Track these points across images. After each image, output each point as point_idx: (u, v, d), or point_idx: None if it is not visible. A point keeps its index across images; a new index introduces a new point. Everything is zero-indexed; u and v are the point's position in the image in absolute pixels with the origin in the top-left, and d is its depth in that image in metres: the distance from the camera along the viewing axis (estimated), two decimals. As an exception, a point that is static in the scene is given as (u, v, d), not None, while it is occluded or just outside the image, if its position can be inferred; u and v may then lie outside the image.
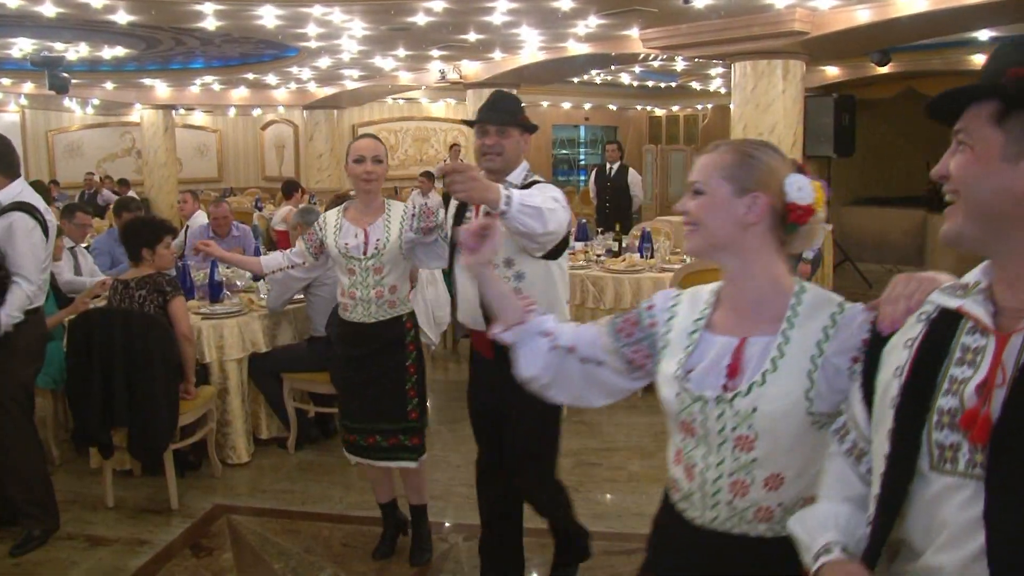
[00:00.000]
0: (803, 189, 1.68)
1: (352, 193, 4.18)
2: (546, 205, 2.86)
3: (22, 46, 10.96)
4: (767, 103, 8.94)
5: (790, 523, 1.55)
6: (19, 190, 4.01)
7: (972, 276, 1.35)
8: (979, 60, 11.26)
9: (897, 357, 1.37)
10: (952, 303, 1.31)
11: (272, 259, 4.27)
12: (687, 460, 1.74)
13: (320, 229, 3.88)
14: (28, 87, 15.41)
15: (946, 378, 1.27)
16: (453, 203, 3.50)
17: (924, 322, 1.36)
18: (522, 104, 3.43)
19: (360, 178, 3.63)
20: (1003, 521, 1.14)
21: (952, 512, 1.22)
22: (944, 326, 1.31)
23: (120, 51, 11.61)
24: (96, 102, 17.69)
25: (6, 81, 15.15)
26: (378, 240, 3.69)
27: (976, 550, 1.17)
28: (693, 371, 1.71)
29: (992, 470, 1.17)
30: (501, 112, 3.28)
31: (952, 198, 1.32)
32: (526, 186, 3.18)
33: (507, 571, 3.64)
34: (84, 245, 6.58)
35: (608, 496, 4.82)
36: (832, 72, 13.12)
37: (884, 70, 11.38)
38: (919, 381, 1.30)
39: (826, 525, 1.45)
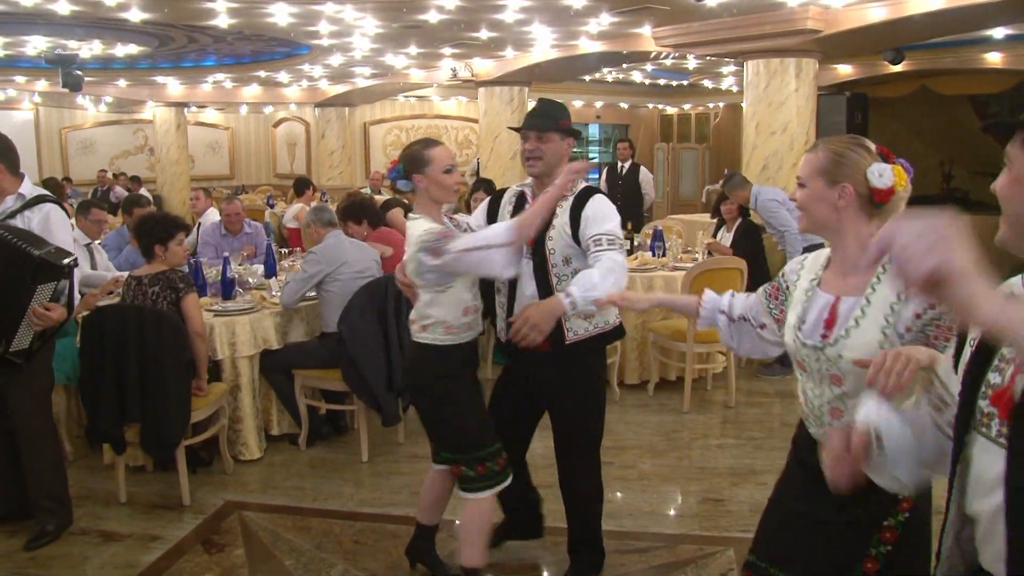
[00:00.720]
0: (884, 175, 2.15)
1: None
2: (605, 280, 3.09)
3: (36, 44, 11.01)
4: (780, 101, 8.91)
5: None
6: (31, 187, 4.08)
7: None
8: (993, 58, 11.21)
9: (975, 331, 1.54)
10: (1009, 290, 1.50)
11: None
12: (803, 389, 2.28)
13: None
14: (42, 85, 15.48)
15: (998, 356, 1.46)
16: (509, 199, 3.57)
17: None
18: (566, 111, 3.49)
19: (452, 189, 3.34)
20: (1018, 483, 1.34)
21: (985, 468, 1.43)
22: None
23: (133, 49, 11.65)
24: (109, 100, 17.77)
25: (20, 79, 15.23)
26: None
27: (999, 504, 1.37)
28: (805, 322, 2.20)
29: (1012, 440, 1.37)
30: (541, 118, 3.41)
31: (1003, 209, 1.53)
32: (580, 195, 3.33)
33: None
34: (98, 241, 6.60)
35: (619, 495, 4.82)
36: (845, 70, 13.07)
37: (897, 68, 11.33)
38: (980, 356, 1.49)
39: None
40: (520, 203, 3.51)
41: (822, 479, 1.83)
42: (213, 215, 8.37)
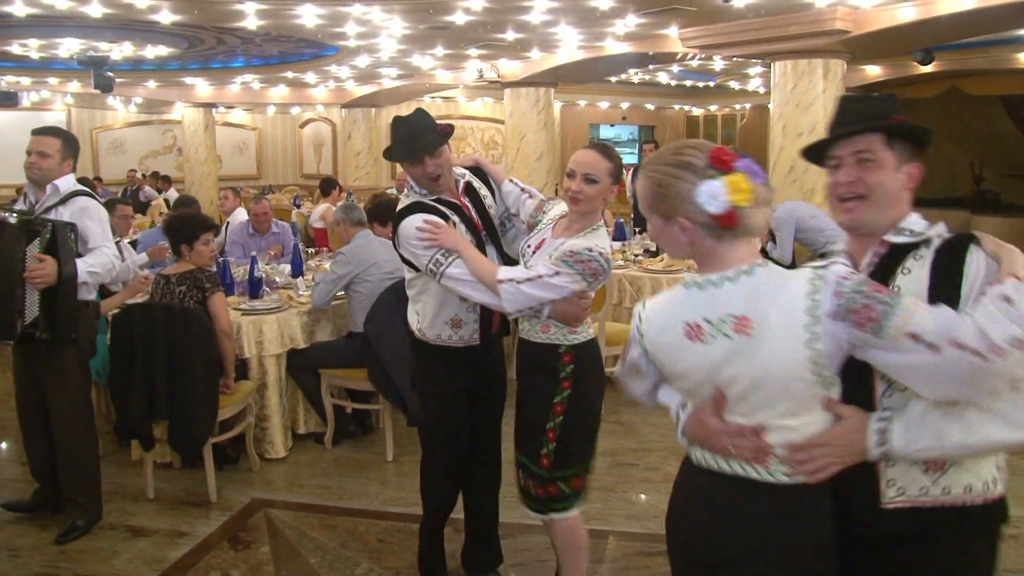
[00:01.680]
0: (716, 197, 1.79)
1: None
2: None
3: (69, 46, 11.14)
4: (807, 103, 8.86)
5: None
6: (71, 183, 4.22)
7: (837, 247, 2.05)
8: (1025, 59, 11.09)
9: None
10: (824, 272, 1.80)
11: None
12: None
13: None
14: (74, 86, 15.68)
15: None
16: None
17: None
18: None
19: (566, 195, 3.11)
20: None
21: None
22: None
23: (163, 50, 11.77)
24: (139, 100, 17.96)
25: (53, 80, 15.44)
26: None
27: None
28: None
29: None
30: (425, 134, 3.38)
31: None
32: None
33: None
34: (128, 240, 6.67)
35: (643, 496, 4.81)
36: (873, 71, 12.96)
37: (927, 69, 11.23)
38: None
39: None
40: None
41: None
42: (241, 215, 8.44)
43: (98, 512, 4.34)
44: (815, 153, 2.05)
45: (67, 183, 4.15)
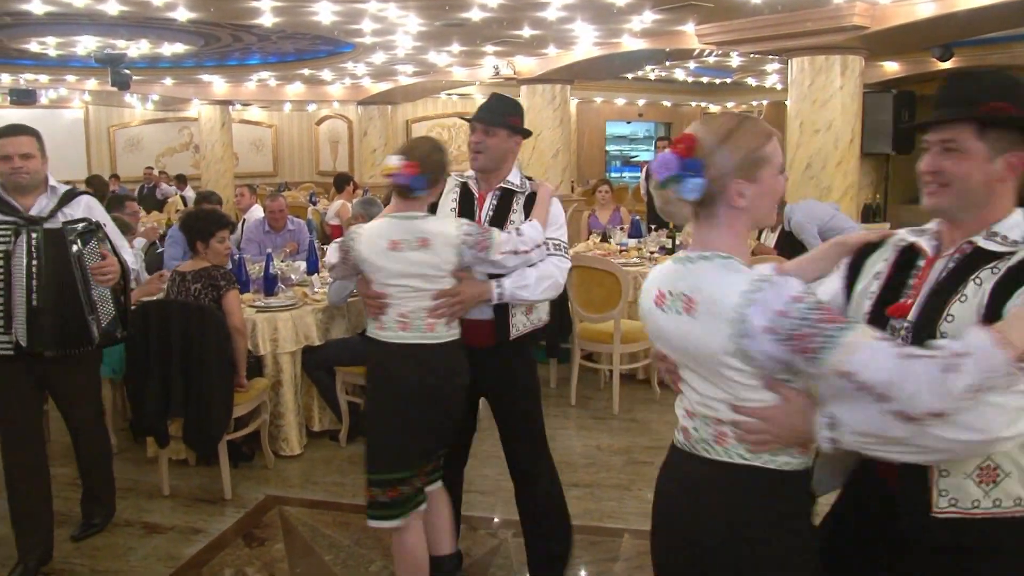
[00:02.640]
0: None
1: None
2: (540, 283, 3.29)
3: (87, 44, 11.20)
4: (824, 99, 8.80)
5: None
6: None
7: (930, 225, 1.97)
8: (1046, 55, 10.97)
9: (870, 278, 2.01)
10: (912, 238, 1.97)
11: None
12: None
13: None
14: (92, 84, 15.77)
15: (906, 285, 1.91)
16: (454, 196, 3.49)
17: (894, 251, 1.99)
18: (518, 109, 3.48)
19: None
20: None
21: None
22: (907, 257, 1.96)
23: (179, 48, 11.81)
24: (156, 98, 18.06)
25: (71, 78, 15.55)
26: None
27: None
28: None
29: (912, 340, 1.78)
30: (489, 112, 3.40)
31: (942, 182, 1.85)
32: (532, 195, 3.42)
33: None
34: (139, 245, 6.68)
35: (658, 495, 4.78)
36: (891, 67, 12.86)
37: (946, 65, 11.12)
38: (887, 294, 1.94)
39: None
40: (466, 193, 3.48)
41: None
42: (257, 212, 8.45)
43: (112, 509, 4.35)
44: (910, 137, 2.09)
45: (54, 181, 3.85)
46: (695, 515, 1.91)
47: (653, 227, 8.50)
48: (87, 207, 3.85)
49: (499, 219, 3.39)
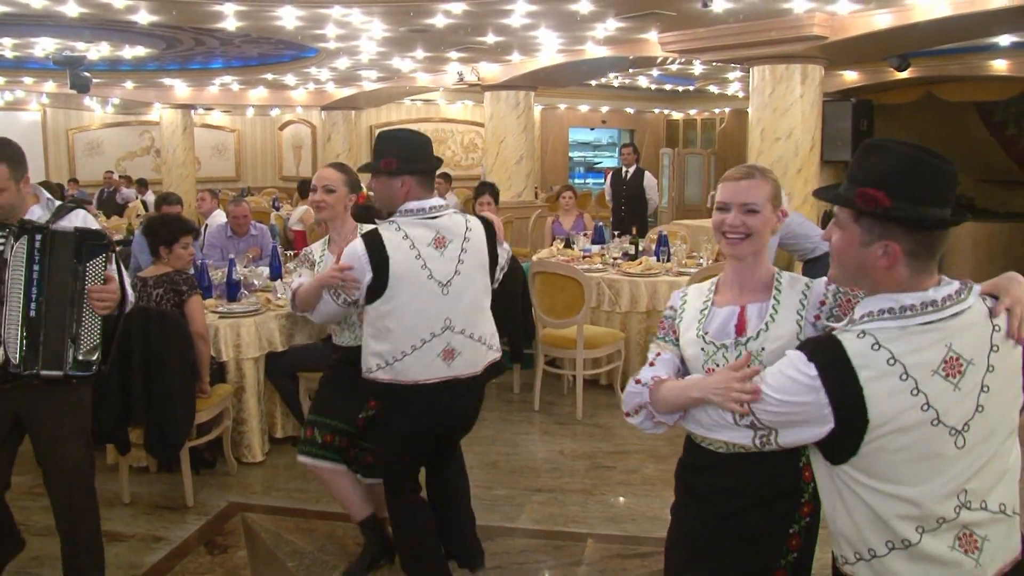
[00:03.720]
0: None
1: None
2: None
3: (45, 45, 11.05)
4: (785, 107, 8.92)
5: None
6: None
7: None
8: (999, 65, 11.20)
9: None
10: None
11: None
12: None
13: None
14: (50, 86, 15.54)
15: None
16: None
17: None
18: (401, 146, 3.38)
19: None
20: None
21: None
22: None
23: (141, 51, 11.70)
24: (116, 101, 17.84)
25: (28, 80, 15.29)
26: None
27: None
28: (708, 332, 2.29)
29: None
30: (372, 156, 3.49)
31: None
32: (374, 230, 3.39)
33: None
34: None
35: (621, 499, 4.82)
36: (851, 77, 13.05)
37: (903, 75, 11.31)
38: None
39: None
40: None
41: (715, 503, 2.26)
42: (220, 217, 8.39)
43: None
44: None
45: (49, 197, 3.47)
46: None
47: (616, 233, 8.57)
48: (84, 221, 3.38)
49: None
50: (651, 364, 2.33)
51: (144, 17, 8.69)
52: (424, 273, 3.24)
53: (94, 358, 3.23)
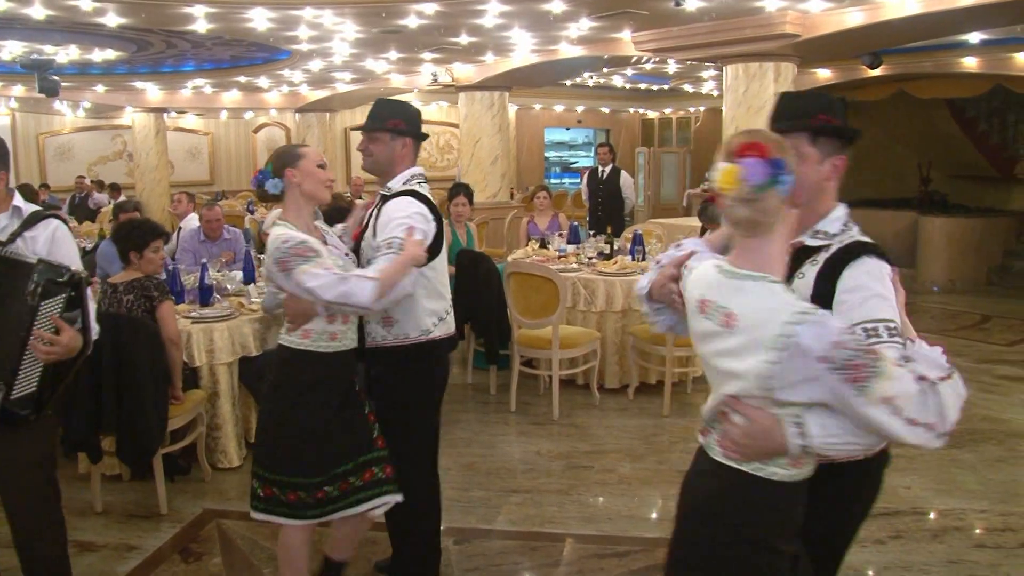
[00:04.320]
0: (711, 177, 2.01)
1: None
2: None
3: (11, 49, 10.91)
4: (759, 105, 8.95)
5: None
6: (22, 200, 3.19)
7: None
8: (969, 63, 11.30)
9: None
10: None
11: None
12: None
13: None
14: (18, 90, 15.36)
15: None
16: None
17: None
18: (404, 110, 3.51)
19: (324, 183, 3.30)
20: None
21: None
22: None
23: (111, 54, 11.58)
24: (87, 105, 17.65)
25: (-4, 84, 15.13)
26: None
27: None
28: None
29: None
30: (370, 118, 3.48)
31: None
32: (399, 194, 3.36)
33: None
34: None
35: (599, 499, 4.81)
36: (824, 74, 13.14)
37: (875, 73, 11.39)
38: None
39: None
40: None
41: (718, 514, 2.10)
42: (193, 221, 8.32)
43: None
44: None
45: (23, 201, 3.10)
46: (695, 509, 2.13)
47: (592, 232, 8.56)
48: (54, 236, 3.03)
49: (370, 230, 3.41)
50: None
51: (113, 19, 8.60)
52: None
53: (23, 412, 2.87)
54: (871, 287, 2.02)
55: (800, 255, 2.16)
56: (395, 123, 3.41)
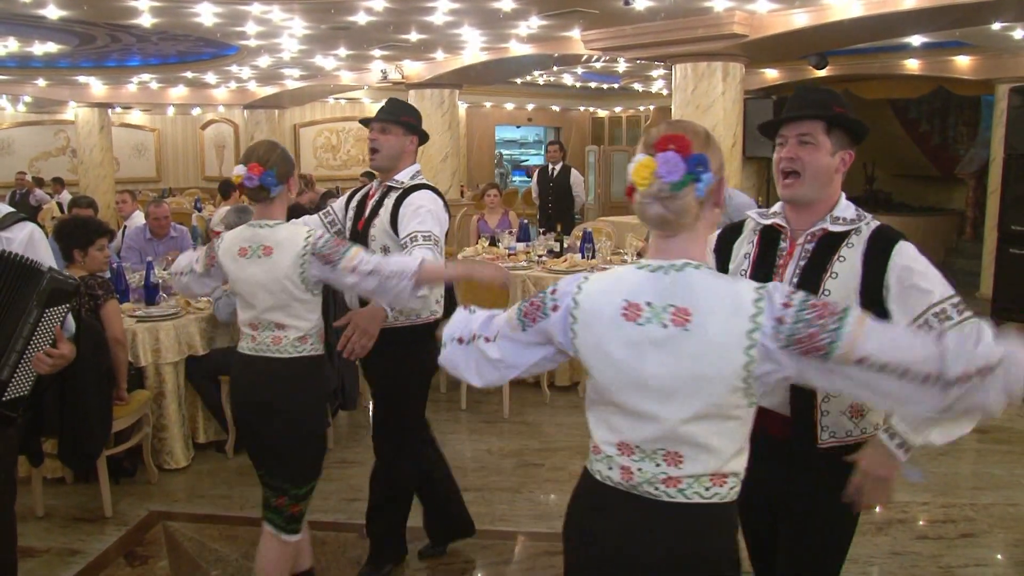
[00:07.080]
0: (629, 171, 1.77)
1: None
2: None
3: (-55, 41, 10.64)
4: (707, 104, 9.03)
5: None
6: None
7: (775, 208, 2.40)
8: (912, 64, 11.53)
9: (740, 258, 2.43)
10: (767, 220, 2.40)
11: None
12: None
13: None
14: (-45, 84, 14.99)
15: (774, 265, 2.35)
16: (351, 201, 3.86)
17: (755, 234, 2.41)
18: (415, 111, 3.75)
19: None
20: None
21: None
22: (769, 239, 2.38)
23: (52, 47, 11.33)
24: (28, 99, 17.25)
25: (-70, 77, 14.71)
26: None
27: None
28: None
29: None
30: (385, 112, 3.63)
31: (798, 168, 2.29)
32: (412, 188, 3.58)
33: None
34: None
35: (550, 496, 4.83)
36: (772, 75, 13.31)
37: (822, 73, 11.56)
38: (758, 273, 2.34)
39: None
40: (361, 199, 3.81)
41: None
42: (139, 218, 8.19)
43: None
44: (770, 129, 2.41)
45: None
46: (650, 559, 1.84)
47: (542, 231, 8.58)
48: (31, 239, 2.89)
49: (384, 216, 3.58)
50: None
51: (53, 12, 8.41)
52: None
53: (12, 413, 2.86)
54: (926, 271, 2.17)
55: (826, 241, 2.29)
56: (408, 119, 3.62)
